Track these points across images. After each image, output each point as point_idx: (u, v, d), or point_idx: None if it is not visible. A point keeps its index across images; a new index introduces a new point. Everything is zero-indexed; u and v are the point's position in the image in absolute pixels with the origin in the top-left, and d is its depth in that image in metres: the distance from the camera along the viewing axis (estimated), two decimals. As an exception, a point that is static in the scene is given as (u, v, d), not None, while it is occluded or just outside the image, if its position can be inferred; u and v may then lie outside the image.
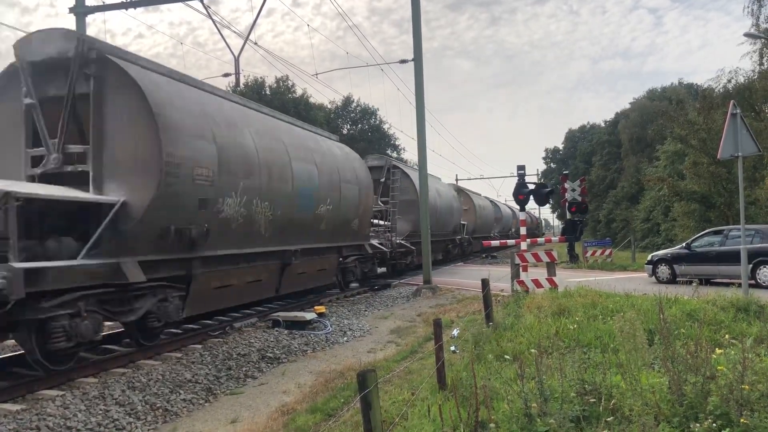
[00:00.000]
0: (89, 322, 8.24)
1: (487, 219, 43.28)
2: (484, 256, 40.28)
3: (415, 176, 23.94)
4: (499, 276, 16.33)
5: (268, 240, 12.62)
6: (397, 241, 22.77)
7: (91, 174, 8.98)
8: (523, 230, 16.40)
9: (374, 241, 20.58)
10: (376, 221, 21.90)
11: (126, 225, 8.75)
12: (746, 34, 24.59)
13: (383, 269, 22.96)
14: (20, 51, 9.19)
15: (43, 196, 8.05)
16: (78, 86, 9.07)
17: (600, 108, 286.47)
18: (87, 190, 8.85)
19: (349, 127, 57.48)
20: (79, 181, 9.00)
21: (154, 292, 9.57)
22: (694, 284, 10.60)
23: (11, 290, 6.94)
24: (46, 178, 9.08)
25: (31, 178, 9.20)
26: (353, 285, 19.49)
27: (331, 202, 15.68)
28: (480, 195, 45.15)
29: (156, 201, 8.93)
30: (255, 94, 40.31)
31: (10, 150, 9.38)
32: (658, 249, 25.40)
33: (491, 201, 50.06)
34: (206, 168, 10.06)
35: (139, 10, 19.92)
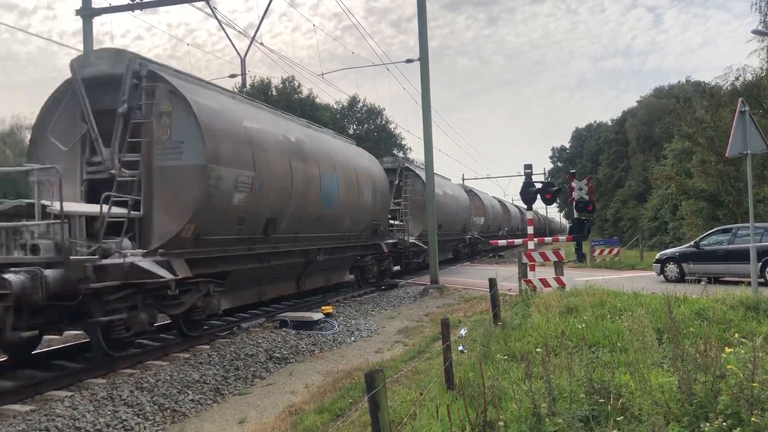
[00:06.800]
0: (145, 314, 9.12)
1: (496, 219, 43.80)
2: (491, 255, 40.24)
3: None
4: (507, 275, 16.30)
5: (294, 239, 13.70)
6: (411, 241, 23.71)
7: (142, 180, 9.77)
8: (530, 229, 16.36)
9: (389, 241, 21.12)
10: (390, 221, 22.27)
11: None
12: (754, 31, 24.43)
13: (398, 267, 23.53)
14: (76, 68, 10.06)
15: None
16: (129, 100, 9.83)
17: (603, 107, 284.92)
18: (138, 194, 9.65)
19: (355, 127, 57.42)
20: (130, 184, 9.67)
21: (198, 287, 10.51)
22: (702, 283, 10.53)
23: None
24: (100, 182, 9.81)
25: (87, 182, 10.11)
26: (370, 281, 20.24)
27: (349, 203, 16.44)
28: (488, 195, 45.73)
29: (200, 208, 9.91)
30: (261, 94, 40.31)
31: (68, 156, 10.14)
32: (666, 248, 25.26)
33: (500, 201, 50.72)
34: (246, 176, 11.08)
35: (138, 11, 19.94)
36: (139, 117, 9.83)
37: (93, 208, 9.01)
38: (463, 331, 10.58)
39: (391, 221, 22.65)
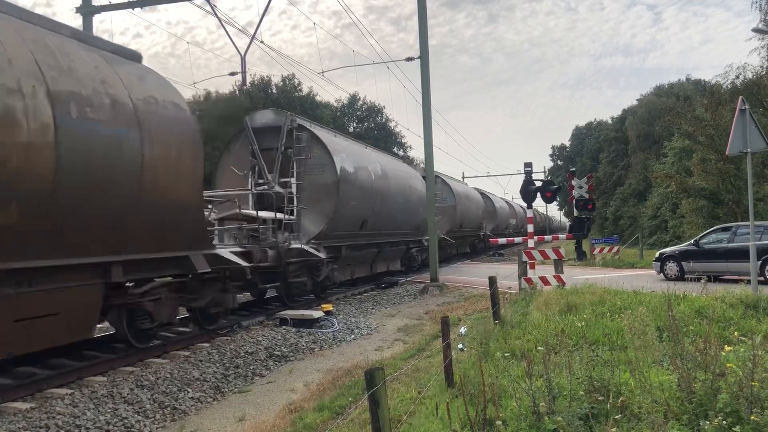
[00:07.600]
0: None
1: (521, 220, 53.51)
2: (491, 253, 40.35)
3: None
4: (507, 274, 16.31)
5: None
6: (440, 236, 25.08)
7: (295, 194, 15.41)
8: (530, 227, 16.36)
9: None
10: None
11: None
12: (755, 30, 24.40)
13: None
14: (248, 120, 15.95)
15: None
16: (285, 142, 15.62)
17: (603, 105, 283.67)
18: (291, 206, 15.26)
19: (355, 125, 57.45)
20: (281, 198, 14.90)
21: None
22: (702, 281, 10.53)
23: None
24: (264, 195, 14.81)
25: (255, 195, 15.03)
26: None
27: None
28: (515, 202, 51.81)
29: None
30: (261, 92, 40.31)
31: (243, 178, 15.79)
32: (666, 246, 25.24)
33: (521, 206, 55.82)
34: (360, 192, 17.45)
35: (137, 9, 19.92)
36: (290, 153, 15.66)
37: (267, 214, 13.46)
38: (463, 329, 10.57)
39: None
